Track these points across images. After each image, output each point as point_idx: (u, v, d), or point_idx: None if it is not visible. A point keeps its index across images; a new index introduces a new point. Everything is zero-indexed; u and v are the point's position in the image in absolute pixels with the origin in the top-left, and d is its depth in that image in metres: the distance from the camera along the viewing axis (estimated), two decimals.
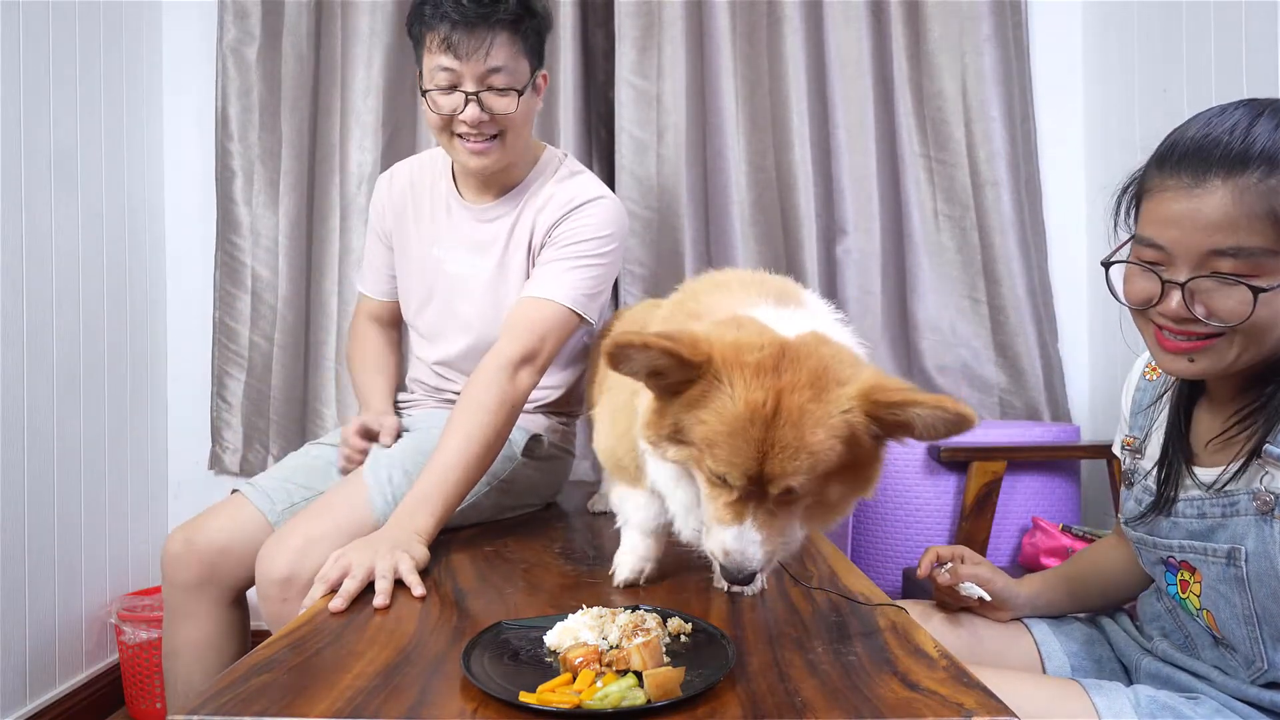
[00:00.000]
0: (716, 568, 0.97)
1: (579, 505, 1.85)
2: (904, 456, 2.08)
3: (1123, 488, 1.26)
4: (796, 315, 1.01)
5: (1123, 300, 1.06)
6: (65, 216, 2.17)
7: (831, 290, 2.39)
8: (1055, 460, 2.11)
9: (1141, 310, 1.04)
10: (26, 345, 2.04)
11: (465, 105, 1.58)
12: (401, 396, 1.94)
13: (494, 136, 1.63)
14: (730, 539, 0.92)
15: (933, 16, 2.35)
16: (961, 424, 0.85)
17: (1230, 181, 0.94)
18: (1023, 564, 2.01)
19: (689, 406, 0.92)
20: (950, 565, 1.31)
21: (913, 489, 2.09)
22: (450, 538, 1.52)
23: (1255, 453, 1.02)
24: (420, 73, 1.64)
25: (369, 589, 1.16)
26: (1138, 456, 1.22)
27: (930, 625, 1.30)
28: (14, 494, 2.00)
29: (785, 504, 0.93)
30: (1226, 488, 1.05)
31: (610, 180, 2.41)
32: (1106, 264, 1.07)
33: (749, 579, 0.94)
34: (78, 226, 2.21)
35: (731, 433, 0.89)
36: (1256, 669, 1.05)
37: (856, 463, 0.92)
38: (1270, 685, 1.05)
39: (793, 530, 0.96)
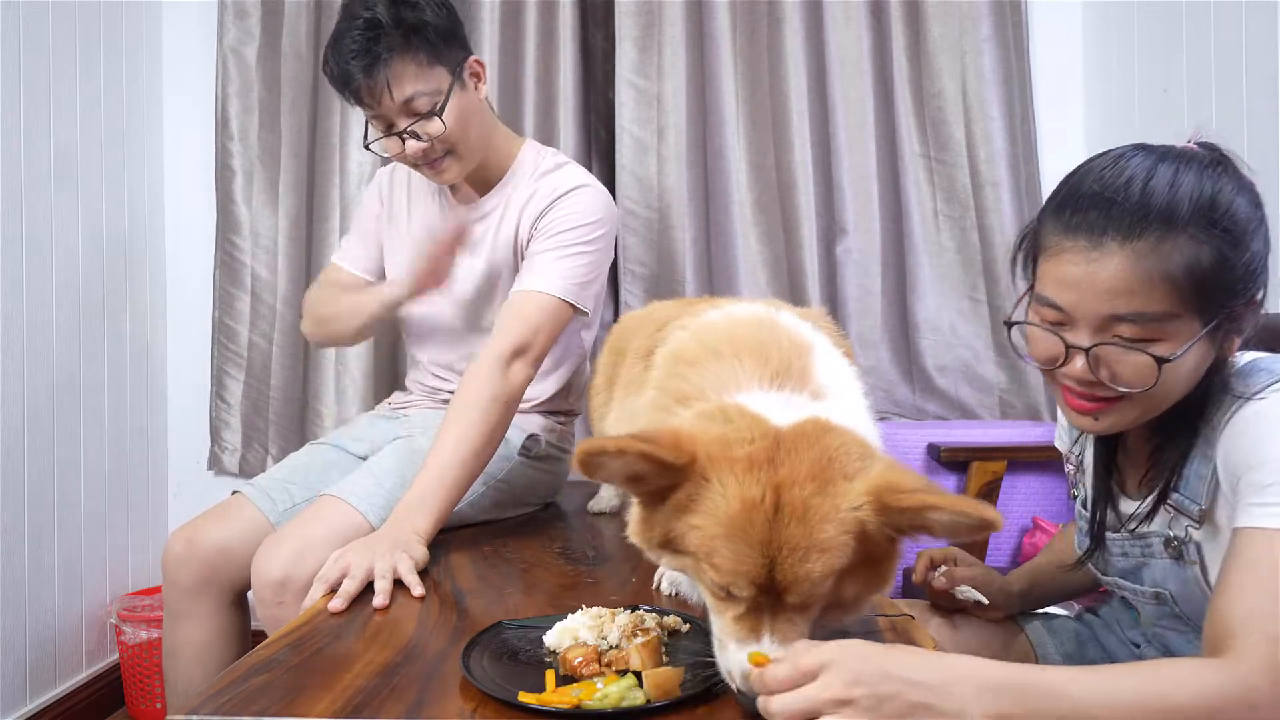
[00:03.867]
0: (734, 689, 0.81)
1: (579, 505, 1.85)
2: (903, 456, 2.08)
3: (1070, 494, 1.26)
4: (797, 399, 0.90)
5: (1027, 359, 1.03)
6: (65, 216, 2.17)
7: (831, 290, 2.39)
8: (1055, 460, 2.10)
9: (1048, 370, 1.01)
10: (26, 345, 2.04)
11: (404, 144, 1.59)
12: (398, 397, 1.94)
13: (446, 153, 1.62)
14: (748, 660, 0.79)
15: (933, 16, 2.35)
16: (985, 527, 0.77)
17: (1128, 246, 0.90)
18: (1023, 564, 2.01)
19: (678, 512, 0.82)
20: (945, 569, 1.32)
21: None
22: (450, 538, 1.52)
23: (1164, 498, 1.01)
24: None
25: (368, 589, 1.16)
26: (1079, 473, 1.22)
27: (929, 626, 1.30)
28: (14, 494, 2.01)
29: (801, 610, 0.81)
30: (1139, 530, 1.05)
31: (610, 180, 2.41)
32: (1009, 324, 1.04)
33: None
34: (78, 226, 2.21)
35: (730, 536, 0.78)
36: None
37: (871, 559, 0.82)
38: None
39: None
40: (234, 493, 1.68)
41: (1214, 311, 0.92)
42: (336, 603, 1.11)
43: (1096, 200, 0.93)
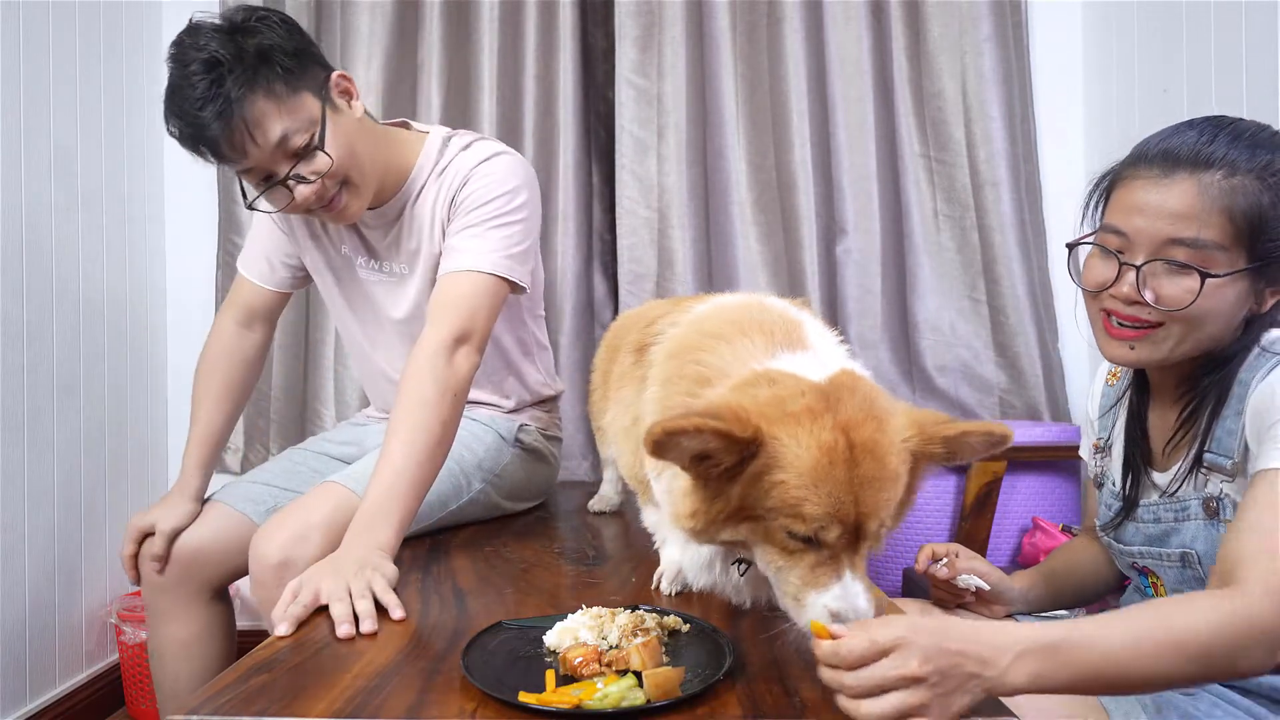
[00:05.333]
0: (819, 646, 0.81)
1: (578, 505, 1.85)
2: None
3: (1095, 489, 1.30)
4: (816, 358, 0.97)
5: (1079, 283, 1.13)
6: (65, 216, 2.17)
7: (831, 290, 2.39)
8: (1055, 460, 2.11)
9: (1095, 294, 1.10)
10: (27, 345, 2.04)
11: (294, 190, 1.43)
12: (370, 410, 1.91)
13: (341, 187, 1.47)
14: (834, 600, 0.84)
15: (933, 16, 2.35)
16: (1004, 441, 0.90)
17: (1195, 176, 1.02)
18: (1023, 564, 2.01)
19: (756, 479, 0.85)
20: (946, 560, 1.33)
21: None
22: (450, 538, 1.53)
23: (1199, 459, 1.07)
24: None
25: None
26: (1106, 457, 1.26)
27: None
28: (14, 494, 2.00)
29: (871, 544, 0.88)
30: (1177, 493, 1.10)
31: (610, 180, 2.41)
32: (1071, 246, 1.14)
33: None
34: (78, 226, 2.21)
35: (817, 482, 0.83)
36: None
37: (909, 486, 0.91)
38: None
39: None
40: (207, 500, 1.65)
41: (1259, 255, 1.02)
42: (343, 629, 1.04)
43: (1170, 145, 1.06)
